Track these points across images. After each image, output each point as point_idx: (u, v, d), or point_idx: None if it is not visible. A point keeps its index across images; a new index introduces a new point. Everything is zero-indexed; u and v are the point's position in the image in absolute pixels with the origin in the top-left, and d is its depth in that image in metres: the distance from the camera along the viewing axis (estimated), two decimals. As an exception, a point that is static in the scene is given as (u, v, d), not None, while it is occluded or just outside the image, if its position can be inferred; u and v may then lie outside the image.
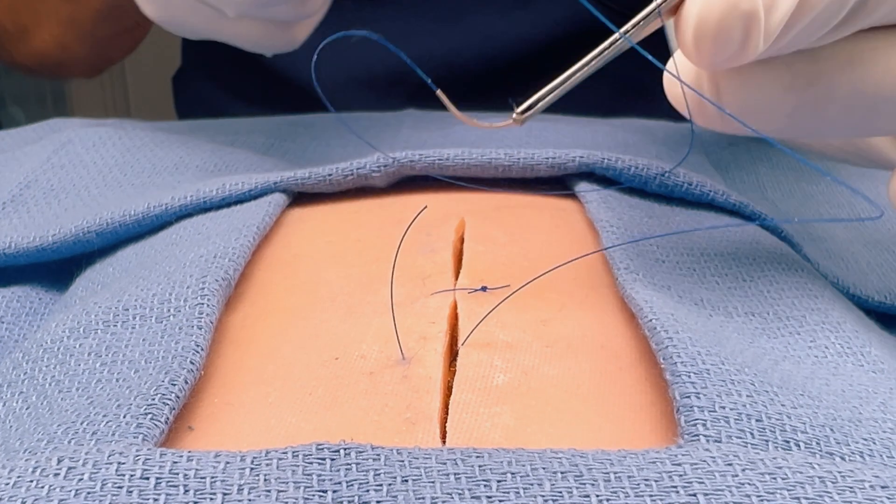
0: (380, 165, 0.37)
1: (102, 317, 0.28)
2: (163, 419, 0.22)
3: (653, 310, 0.26)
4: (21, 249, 0.36)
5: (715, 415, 0.22)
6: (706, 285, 0.30)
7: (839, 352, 0.28)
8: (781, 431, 0.22)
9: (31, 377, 0.26)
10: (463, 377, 0.25)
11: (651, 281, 0.29)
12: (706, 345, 0.25)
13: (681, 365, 0.24)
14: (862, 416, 0.24)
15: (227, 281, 0.29)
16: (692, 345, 0.25)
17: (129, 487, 0.19)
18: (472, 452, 0.21)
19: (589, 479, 0.20)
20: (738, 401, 0.23)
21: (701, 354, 0.24)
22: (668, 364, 0.24)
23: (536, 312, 0.27)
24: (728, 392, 0.23)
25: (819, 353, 0.28)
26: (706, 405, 0.22)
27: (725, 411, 0.22)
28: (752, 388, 0.23)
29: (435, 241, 0.33)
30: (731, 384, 0.23)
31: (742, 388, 0.23)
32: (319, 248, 0.33)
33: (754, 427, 0.22)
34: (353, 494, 0.19)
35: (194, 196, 0.36)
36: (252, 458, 0.20)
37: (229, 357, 0.27)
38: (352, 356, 0.26)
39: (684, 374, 0.23)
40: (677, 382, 0.23)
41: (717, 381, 0.23)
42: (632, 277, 0.29)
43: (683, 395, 0.23)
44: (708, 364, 0.24)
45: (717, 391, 0.23)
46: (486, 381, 0.25)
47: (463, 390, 0.24)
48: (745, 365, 0.25)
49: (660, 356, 0.25)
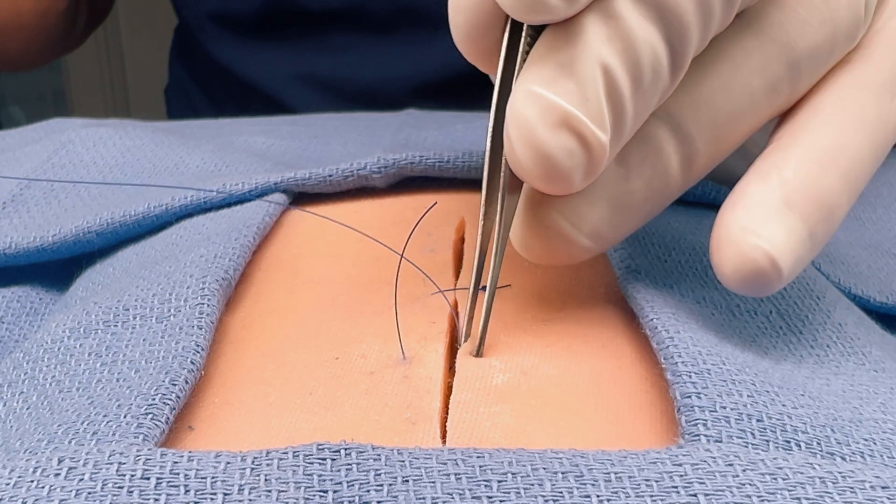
0: (380, 167, 0.37)
1: (103, 317, 0.28)
2: (163, 419, 0.22)
3: (654, 309, 0.26)
4: (21, 249, 0.36)
5: (716, 415, 0.22)
6: (708, 284, 0.30)
7: (841, 352, 0.28)
8: (782, 431, 0.22)
9: (32, 377, 0.26)
10: (462, 377, 0.25)
11: (652, 280, 0.29)
12: (707, 345, 0.25)
13: (682, 365, 0.24)
14: (863, 416, 0.24)
15: (227, 281, 0.29)
16: (693, 345, 0.25)
17: (130, 487, 0.19)
18: (472, 452, 0.21)
19: (589, 480, 0.20)
20: (739, 401, 0.23)
21: (702, 354, 0.24)
22: (668, 364, 0.24)
23: (537, 312, 0.27)
24: (729, 392, 0.23)
25: (821, 352, 0.28)
26: (707, 405, 0.23)
27: (726, 411, 0.22)
28: (752, 388, 0.23)
29: (435, 242, 0.33)
30: (731, 384, 0.23)
31: (743, 388, 0.23)
32: (319, 248, 0.33)
33: (755, 427, 0.22)
34: (354, 494, 0.19)
35: (195, 196, 0.36)
36: (252, 459, 0.20)
37: (229, 357, 0.27)
38: (352, 356, 0.26)
39: (685, 373, 0.23)
40: (678, 382, 0.23)
41: (718, 381, 0.23)
42: (633, 276, 0.29)
43: (684, 394, 0.23)
44: (709, 364, 0.24)
45: (717, 391, 0.23)
46: (485, 381, 0.25)
47: (463, 390, 0.24)
48: (746, 364, 0.25)
49: (661, 356, 0.25)
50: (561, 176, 0.24)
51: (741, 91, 0.27)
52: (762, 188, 0.26)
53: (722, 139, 0.28)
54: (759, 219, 0.26)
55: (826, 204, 0.26)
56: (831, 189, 0.27)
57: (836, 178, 0.27)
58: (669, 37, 0.25)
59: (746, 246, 0.25)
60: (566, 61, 0.24)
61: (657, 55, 0.25)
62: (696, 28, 0.25)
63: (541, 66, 0.24)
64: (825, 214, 0.26)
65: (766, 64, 0.27)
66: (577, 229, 0.27)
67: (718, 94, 0.27)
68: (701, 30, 0.25)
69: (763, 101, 0.28)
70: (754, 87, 0.27)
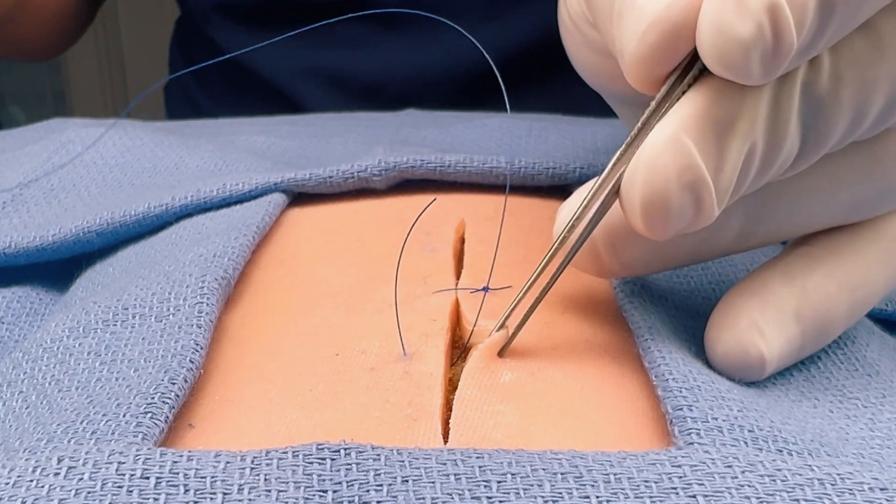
0: (381, 169, 0.37)
1: (102, 316, 0.28)
2: (162, 418, 0.22)
3: (650, 331, 0.27)
4: (21, 249, 0.36)
5: (708, 425, 0.23)
6: (703, 294, 0.31)
7: (833, 361, 0.29)
8: (774, 442, 0.23)
9: (31, 376, 0.26)
10: (470, 373, 0.25)
11: (648, 292, 0.30)
12: (697, 365, 0.26)
13: (672, 381, 0.24)
14: (849, 435, 0.25)
15: (226, 280, 0.29)
16: (684, 364, 0.25)
17: (130, 487, 0.19)
18: (472, 453, 0.21)
19: (589, 480, 0.20)
20: (730, 414, 0.23)
21: (692, 373, 0.25)
22: (660, 381, 0.24)
23: (538, 315, 0.27)
24: (720, 406, 0.23)
25: (811, 363, 0.28)
26: (699, 416, 0.23)
27: (718, 422, 0.23)
28: (741, 405, 0.24)
29: (435, 241, 0.33)
30: (721, 399, 0.24)
31: (733, 404, 0.24)
32: (319, 247, 0.33)
33: (747, 437, 0.23)
34: (354, 494, 0.19)
35: (195, 196, 0.36)
36: (252, 458, 0.20)
37: (229, 355, 0.27)
38: (352, 352, 0.26)
39: (676, 388, 0.24)
40: (669, 397, 0.24)
41: (709, 397, 0.24)
42: (629, 289, 0.29)
43: (676, 407, 0.23)
44: (699, 381, 0.24)
45: (709, 405, 0.23)
46: (492, 378, 0.25)
47: (469, 385, 0.24)
48: (735, 387, 0.26)
49: (652, 374, 0.25)
50: (661, 230, 0.24)
51: (825, 200, 0.28)
52: (784, 291, 0.27)
53: (786, 232, 0.28)
54: (769, 320, 0.27)
55: (827, 328, 0.28)
56: (840, 316, 0.28)
57: (846, 308, 0.28)
58: (805, 137, 0.25)
59: (748, 341, 0.26)
60: (725, 126, 0.24)
61: (793, 151, 0.25)
62: (835, 140, 0.25)
63: (697, 116, 0.24)
64: (822, 336, 0.28)
65: (860, 183, 0.28)
66: (614, 257, 0.27)
67: (802, 194, 0.27)
68: (837, 143, 0.26)
69: (839, 213, 0.28)
70: (840, 199, 0.28)
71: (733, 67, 0.23)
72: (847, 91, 0.25)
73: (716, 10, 0.22)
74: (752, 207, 0.27)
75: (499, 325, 0.27)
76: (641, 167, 0.24)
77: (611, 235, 0.27)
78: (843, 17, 0.23)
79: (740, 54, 0.22)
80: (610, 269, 0.28)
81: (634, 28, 0.24)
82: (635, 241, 0.26)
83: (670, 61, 0.24)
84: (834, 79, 0.24)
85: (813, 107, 0.25)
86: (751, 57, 0.22)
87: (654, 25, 0.23)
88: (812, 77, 0.24)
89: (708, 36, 0.23)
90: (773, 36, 0.22)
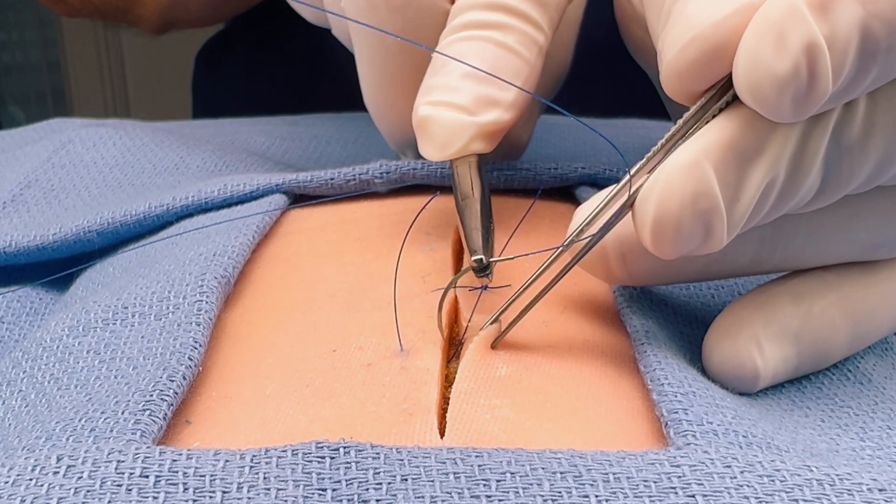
0: (382, 172, 0.37)
1: (102, 315, 0.28)
2: (161, 415, 0.22)
3: (648, 336, 0.27)
4: (21, 248, 0.36)
5: (703, 428, 0.23)
6: (702, 301, 0.31)
7: (825, 372, 0.29)
8: (768, 448, 0.23)
9: (31, 375, 0.26)
10: (467, 366, 0.25)
11: (648, 296, 0.30)
12: (692, 372, 0.26)
13: (668, 386, 0.24)
14: (840, 446, 0.25)
15: (226, 278, 0.29)
16: (679, 370, 0.25)
17: (129, 485, 0.19)
18: (471, 452, 0.21)
19: (588, 480, 0.20)
20: (724, 419, 0.23)
21: (687, 379, 0.25)
22: (655, 385, 0.25)
23: (537, 313, 0.27)
24: (714, 412, 0.24)
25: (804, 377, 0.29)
26: (694, 419, 0.23)
27: (713, 426, 0.23)
28: (735, 413, 0.24)
29: (434, 241, 0.33)
30: (716, 406, 0.24)
31: (727, 411, 0.24)
32: (319, 246, 0.34)
33: (742, 442, 0.23)
34: (353, 493, 0.19)
35: (195, 196, 0.36)
36: (251, 456, 0.20)
37: (227, 352, 0.27)
38: (349, 348, 0.26)
39: (671, 393, 0.24)
40: (664, 401, 0.24)
41: (704, 403, 0.24)
42: (628, 292, 0.29)
43: (671, 410, 0.23)
44: (694, 387, 0.24)
45: (703, 410, 0.23)
46: (489, 371, 0.25)
47: (466, 378, 0.24)
48: (728, 395, 0.26)
49: (647, 378, 0.25)
50: (669, 251, 0.24)
51: (843, 238, 0.28)
52: (789, 310, 0.27)
53: (800, 262, 0.28)
54: (770, 337, 0.27)
55: (825, 356, 0.28)
56: (839, 346, 0.28)
57: (846, 339, 0.28)
58: (827, 177, 0.25)
59: (745, 353, 0.27)
60: (748, 157, 0.23)
61: (812, 189, 0.25)
62: (857, 184, 0.25)
63: (723, 144, 0.23)
64: (818, 362, 0.28)
65: (882, 227, 0.28)
66: (623, 266, 0.27)
67: (820, 229, 0.27)
68: (859, 187, 0.25)
69: (857, 252, 0.28)
70: (859, 238, 0.28)
71: (764, 103, 0.22)
72: (877, 139, 0.24)
73: (755, 41, 0.22)
74: (767, 235, 0.27)
75: (492, 320, 0.27)
76: (658, 186, 0.23)
77: (622, 245, 0.27)
78: (885, 65, 0.22)
79: (773, 91, 0.22)
80: (618, 276, 0.28)
81: (678, 38, 0.24)
82: (646, 254, 0.26)
83: (706, 80, 0.24)
84: (867, 125, 0.24)
85: (840, 149, 0.24)
86: (783, 95, 0.22)
87: (696, 41, 0.23)
88: (845, 120, 0.24)
89: (743, 67, 0.22)
90: (809, 77, 0.22)
